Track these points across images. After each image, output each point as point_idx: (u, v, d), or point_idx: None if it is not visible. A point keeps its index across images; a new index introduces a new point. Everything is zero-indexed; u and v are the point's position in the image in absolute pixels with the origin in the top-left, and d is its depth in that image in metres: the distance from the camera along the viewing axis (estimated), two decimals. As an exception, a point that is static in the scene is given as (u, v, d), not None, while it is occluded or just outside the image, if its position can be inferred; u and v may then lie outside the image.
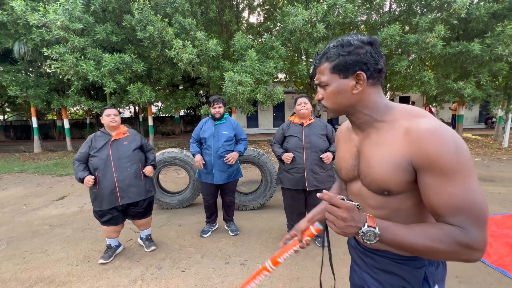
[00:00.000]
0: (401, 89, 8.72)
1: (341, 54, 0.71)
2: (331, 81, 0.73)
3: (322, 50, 0.76)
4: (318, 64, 0.75)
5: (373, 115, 0.74)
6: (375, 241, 0.62)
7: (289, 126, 2.49)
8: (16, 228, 3.20)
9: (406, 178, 0.66)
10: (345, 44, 0.71)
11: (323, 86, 0.75)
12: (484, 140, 9.25)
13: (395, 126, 0.70)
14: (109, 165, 2.20)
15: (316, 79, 0.77)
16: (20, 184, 5.47)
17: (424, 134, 0.62)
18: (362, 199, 0.80)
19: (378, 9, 7.93)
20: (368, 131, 0.76)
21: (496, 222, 2.88)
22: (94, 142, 2.26)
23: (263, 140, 10.19)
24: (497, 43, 6.40)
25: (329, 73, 0.73)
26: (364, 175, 0.76)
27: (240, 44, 6.59)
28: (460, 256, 0.59)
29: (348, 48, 0.70)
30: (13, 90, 7.58)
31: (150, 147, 2.54)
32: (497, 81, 8.44)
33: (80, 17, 6.10)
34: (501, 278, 2.00)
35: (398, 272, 0.77)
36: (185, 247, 2.61)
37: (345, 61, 0.70)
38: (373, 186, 0.73)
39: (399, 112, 0.73)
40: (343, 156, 0.87)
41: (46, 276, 2.17)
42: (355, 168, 0.80)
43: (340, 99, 0.74)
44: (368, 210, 0.79)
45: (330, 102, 0.76)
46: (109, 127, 2.29)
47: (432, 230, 0.60)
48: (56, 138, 15.23)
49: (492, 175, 5.16)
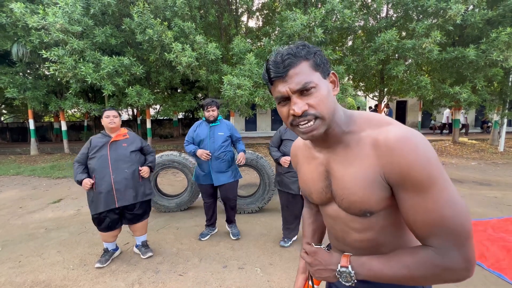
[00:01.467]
0: (398, 94, 8.81)
1: (314, 52, 0.60)
2: (319, 81, 0.59)
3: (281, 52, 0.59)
4: (290, 65, 0.57)
5: (342, 125, 0.64)
6: (352, 281, 0.58)
7: (286, 130, 2.51)
8: (12, 231, 3.16)
9: (384, 194, 0.60)
10: (307, 45, 0.61)
11: (307, 90, 0.57)
12: (480, 145, 9.33)
13: (362, 138, 0.62)
14: (106, 167, 2.19)
15: (295, 84, 0.57)
16: (16, 187, 5.41)
17: (392, 145, 0.55)
18: (343, 222, 0.70)
19: (375, 14, 8.05)
20: (334, 146, 0.66)
21: (492, 226, 2.90)
22: (93, 143, 2.26)
23: (261, 144, 10.20)
24: (492, 49, 6.51)
25: (312, 71, 0.58)
26: (340, 198, 0.66)
27: (239, 48, 6.64)
28: (443, 278, 0.54)
29: (314, 48, 0.60)
30: (11, 92, 7.55)
31: (150, 149, 2.52)
32: (492, 86, 8.58)
33: (80, 20, 6.11)
34: (498, 282, 2.01)
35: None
36: (182, 250, 2.59)
37: (321, 59, 0.60)
38: (353, 209, 0.64)
39: (362, 120, 0.64)
40: (311, 178, 0.74)
41: (41, 280, 2.15)
42: (327, 190, 0.70)
43: (331, 101, 0.60)
44: (352, 234, 0.69)
45: (324, 108, 0.59)
46: (108, 128, 2.29)
47: (408, 258, 0.56)
48: (53, 141, 15.11)
49: (488, 179, 5.20)
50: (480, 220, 3.09)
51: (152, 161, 2.47)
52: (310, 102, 0.58)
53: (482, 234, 2.70)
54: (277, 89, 0.60)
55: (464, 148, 8.72)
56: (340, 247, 0.77)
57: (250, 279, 2.11)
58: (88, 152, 2.24)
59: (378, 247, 0.68)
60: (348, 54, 8.01)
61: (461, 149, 8.60)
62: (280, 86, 0.59)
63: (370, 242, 0.68)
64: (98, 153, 2.22)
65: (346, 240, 0.72)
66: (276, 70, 0.58)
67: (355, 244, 0.70)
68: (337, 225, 0.73)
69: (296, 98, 0.58)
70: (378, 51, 6.74)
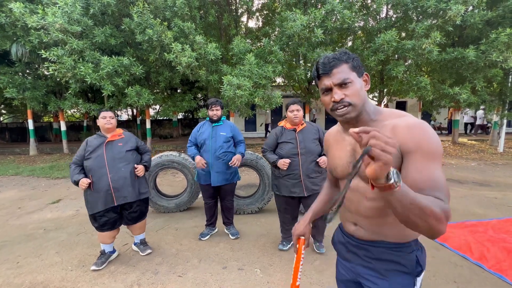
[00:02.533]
0: (398, 94, 8.81)
1: (352, 57, 0.82)
2: (354, 78, 0.80)
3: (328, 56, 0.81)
4: (334, 66, 0.80)
5: (370, 114, 0.84)
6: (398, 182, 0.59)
7: (282, 132, 2.44)
8: (10, 232, 3.14)
9: (396, 164, 0.76)
10: (347, 52, 0.82)
11: (345, 84, 0.79)
12: (480, 145, 9.34)
13: (385, 124, 0.81)
14: (103, 166, 2.19)
15: (337, 79, 0.79)
16: (14, 187, 5.39)
17: (412, 126, 0.75)
18: (359, 193, 0.87)
19: (375, 15, 8.05)
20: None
21: (493, 227, 2.89)
22: (89, 144, 2.26)
23: (261, 144, 10.19)
24: (491, 49, 6.52)
25: (350, 71, 0.80)
26: (361, 169, 0.80)
27: (238, 48, 6.63)
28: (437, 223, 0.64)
29: (353, 55, 0.83)
30: (10, 92, 7.53)
31: (146, 149, 2.53)
32: (491, 87, 8.58)
33: (79, 19, 6.10)
34: (498, 283, 2.00)
35: (395, 258, 0.85)
36: (182, 251, 2.58)
37: (357, 63, 0.82)
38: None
39: (386, 113, 0.85)
40: (338, 155, 0.93)
41: (39, 281, 2.13)
42: (350, 164, 0.87)
43: (362, 94, 0.81)
44: (366, 203, 0.86)
45: (357, 98, 0.79)
46: (105, 129, 2.29)
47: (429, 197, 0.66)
48: (53, 141, 15.08)
49: (488, 180, 5.20)
50: (480, 221, 3.08)
51: (148, 160, 2.48)
52: (347, 93, 0.79)
53: (483, 235, 2.69)
54: (323, 82, 0.82)
55: (463, 149, 8.72)
56: (352, 218, 0.93)
57: (249, 280, 2.09)
58: (84, 153, 2.24)
59: (385, 217, 0.84)
60: (348, 55, 7.99)
61: (460, 150, 8.60)
62: (326, 80, 0.81)
63: (379, 211, 0.84)
64: (94, 153, 2.21)
65: (359, 210, 0.88)
66: (323, 68, 0.81)
67: (366, 212, 0.86)
68: (354, 196, 0.89)
69: (336, 89, 0.80)
70: (378, 51, 6.74)
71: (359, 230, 0.91)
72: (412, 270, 0.84)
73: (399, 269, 0.84)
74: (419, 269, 0.84)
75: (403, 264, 0.84)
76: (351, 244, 0.95)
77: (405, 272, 0.84)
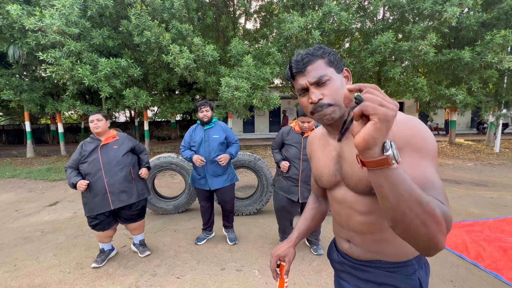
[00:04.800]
0: (395, 95, 8.87)
1: (328, 52, 0.72)
2: (333, 74, 0.70)
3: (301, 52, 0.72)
4: (308, 62, 0.70)
5: None
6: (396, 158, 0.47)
7: (289, 133, 2.43)
8: (7, 234, 3.12)
9: None
10: (323, 47, 0.73)
11: (323, 83, 0.69)
12: (476, 146, 9.42)
13: None
14: (99, 170, 2.19)
15: (312, 77, 0.70)
16: (11, 190, 5.36)
17: (401, 121, 0.64)
18: (348, 205, 0.77)
19: (372, 17, 8.12)
20: (346, 133, 0.75)
21: (489, 226, 2.92)
22: (84, 148, 2.26)
23: (259, 145, 10.20)
24: (486, 51, 6.60)
25: (327, 67, 0.70)
26: (349, 177, 0.72)
27: (236, 49, 6.66)
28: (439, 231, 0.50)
29: (329, 49, 0.73)
30: (7, 94, 7.49)
31: (142, 148, 2.52)
32: (487, 88, 8.66)
33: (77, 21, 6.10)
34: (494, 282, 2.02)
35: (395, 282, 0.73)
36: (180, 253, 2.58)
37: (334, 58, 0.72)
38: (360, 186, 0.70)
39: None
40: (323, 162, 0.83)
41: (37, 284, 2.12)
42: (337, 173, 0.77)
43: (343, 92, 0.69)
44: (356, 217, 0.75)
45: (338, 97, 0.70)
46: (95, 133, 2.29)
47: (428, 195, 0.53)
48: (50, 143, 15.00)
49: (485, 180, 5.24)
50: (476, 221, 3.11)
51: (147, 160, 2.50)
52: (325, 92, 0.69)
53: (479, 235, 2.72)
54: (298, 82, 0.73)
55: (460, 149, 8.79)
56: (344, 234, 0.83)
57: (248, 281, 2.10)
58: (79, 157, 2.24)
59: (380, 232, 0.72)
60: (345, 56, 8.07)
61: (457, 150, 8.66)
62: (300, 80, 0.72)
63: (373, 226, 0.72)
64: (89, 157, 2.21)
65: (350, 225, 0.78)
66: (296, 66, 0.71)
67: (358, 227, 0.75)
68: (342, 209, 0.79)
69: (313, 88, 0.70)
70: (375, 53, 6.80)
71: (353, 248, 0.80)
72: None
73: None
74: None
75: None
76: (346, 264, 0.84)
77: None
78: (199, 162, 2.49)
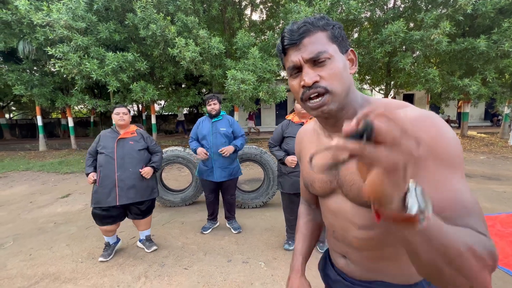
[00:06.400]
0: (405, 87, 8.64)
1: (332, 24, 0.56)
2: (335, 53, 0.54)
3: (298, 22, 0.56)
4: (305, 33, 0.54)
5: (357, 108, 0.58)
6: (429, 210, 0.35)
7: (288, 126, 2.35)
8: (22, 225, 3.24)
9: None
10: (326, 17, 0.56)
11: (321, 62, 0.53)
12: (489, 138, 9.13)
13: None
14: (112, 163, 2.22)
15: (308, 53, 0.53)
16: (25, 182, 5.54)
17: (416, 120, 0.50)
18: (344, 217, 0.63)
19: (382, 5, 7.84)
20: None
21: (501, 221, 2.85)
22: (102, 138, 2.30)
23: (265, 138, 10.18)
24: (503, 39, 6.31)
25: (329, 42, 0.54)
26: (349, 185, 0.59)
27: (242, 42, 6.57)
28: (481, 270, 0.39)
29: (333, 21, 0.57)
30: (18, 89, 7.67)
31: (157, 149, 2.48)
32: (503, 78, 8.33)
33: (83, 16, 6.13)
34: (506, 278, 1.98)
35: None
36: (188, 244, 2.62)
37: (339, 32, 0.56)
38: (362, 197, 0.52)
39: (380, 104, 0.59)
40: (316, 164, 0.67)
41: (51, 272, 2.21)
42: (333, 179, 0.64)
43: (346, 78, 0.55)
44: (354, 231, 0.62)
45: (337, 82, 0.53)
46: (118, 125, 2.33)
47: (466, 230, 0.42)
48: (61, 137, 15.39)
49: (498, 174, 5.10)
50: (488, 215, 3.04)
51: (157, 161, 2.43)
52: (322, 74, 0.53)
53: (491, 230, 2.66)
54: (290, 58, 0.56)
55: (472, 142, 8.54)
56: (339, 249, 0.70)
57: (254, 273, 2.12)
58: (96, 147, 2.30)
59: (382, 250, 0.60)
60: (354, 47, 7.86)
61: (469, 143, 8.42)
62: (293, 55, 0.55)
63: (373, 242, 0.60)
64: (105, 149, 2.25)
65: (347, 239, 0.65)
66: (290, 37, 0.55)
67: (356, 243, 0.63)
68: (337, 221, 0.66)
69: (308, 68, 0.54)
70: (384, 43, 6.59)
71: (350, 266, 0.68)
72: None
73: None
74: None
75: None
76: (342, 283, 0.71)
77: None
78: (203, 155, 2.54)
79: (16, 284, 2.06)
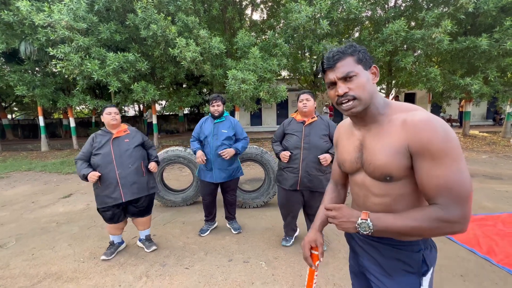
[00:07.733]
0: (406, 86, 8.60)
1: (358, 50, 0.80)
2: (360, 71, 0.78)
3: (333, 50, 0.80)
4: (338, 59, 0.79)
5: (379, 108, 0.83)
6: (370, 231, 0.74)
7: (290, 123, 2.39)
8: (25, 225, 3.26)
9: (404, 163, 0.76)
10: (354, 45, 0.80)
11: (350, 77, 0.78)
12: (491, 137, 9.08)
13: (393, 119, 0.80)
14: (111, 162, 2.23)
15: (340, 73, 0.79)
16: (28, 182, 5.57)
17: (418, 123, 0.72)
18: (366, 188, 0.88)
19: (383, 4, 7.81)
20: (370, 125, 0.85)
21: (502, 221, 2.84)
22: (95, 140, 2.29)
23: (266, 138, 10.18)
24: (505, 37, 6.27)
25: (355, 64, 0.78)
26: (368, 164, 0.84)
27: (243, 41, 6.57)
28: (442, 230, 0.69)
29: (359, 47, 0.81)
30: (20, 89, 7.70)
31: (151, 143, 2.57)
32: (505, 77, 8.28)
33: (84, 16, 6.14)
34: (506, 277, 1.98)
35: (399, 257, 0.84)
36: (189, 244, 2.63)
37: (364, 56, 0.80)
38: (377, 172, 0.81)
39: (395, 107, 0.83)
40: (347, 149, 0.93)
41: (53, 272, 2.22)
42: (358, 160, 0.88)
43: (369, 87, 0.79)
44: (372, 198, 0.86)
45: (362, 91, 0.78)
46: (110, 125, 2.31)
47: (416, 212, 0.72)
48: (63, 137, 15.45)
49: (500, 173, 5.07)
50: (490, 215, 3.03)
51: (156, 155, 2.54)
52: (351, 86, 0.78)
53: (492, 229, 2.65)
54: (328, 76, 0.82)
55: (474, 141, 8.50)
56: None
57: (255, 273, 2.13)
58: (91, 150, 2.27)
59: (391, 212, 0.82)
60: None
61: (471, 142, 8.39)
62: (330, 75, 0.81)
63: (385, 207, 0.83)
64: (101, 150, 2.24)
65: (366, 204, 0.89)
66: (328, 62, 0.81)
67: (373, 207, 0.86)
68: (361, 191, 0.91)
69: (340, 83, 0.80)
70: (385, 42, 6.57)
71: None
72: (417, 270, 0.83)
73: (404, 268, 0.84)
74: (425, 269, 0.83)
75: (408, 263, 0.83)
76: (359, 238, 0.96)
77: (410, 272, 0.83)
78: (200, 160, 2.53)
79: (19, 284, 2.08)
